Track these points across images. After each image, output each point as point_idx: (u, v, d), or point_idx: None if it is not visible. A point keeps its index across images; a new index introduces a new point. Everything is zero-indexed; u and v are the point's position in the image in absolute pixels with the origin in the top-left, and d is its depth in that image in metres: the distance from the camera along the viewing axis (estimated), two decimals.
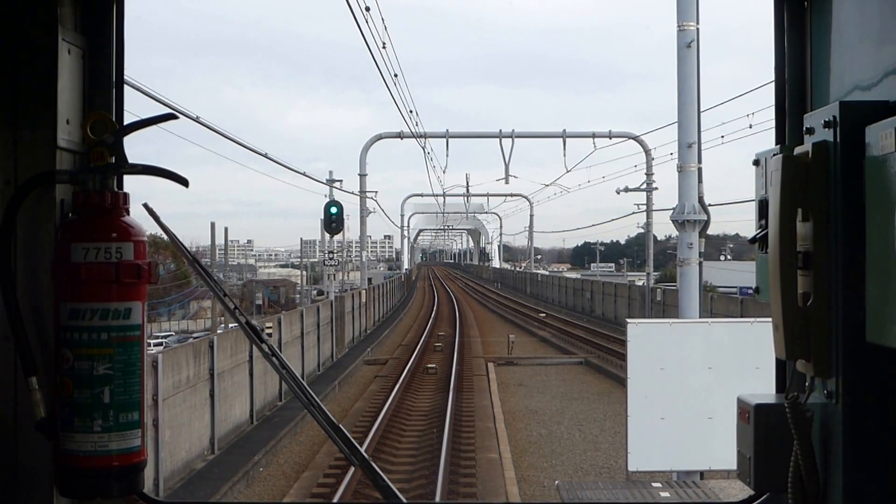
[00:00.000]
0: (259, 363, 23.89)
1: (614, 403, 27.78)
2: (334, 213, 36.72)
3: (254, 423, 23.42)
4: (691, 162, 16.28)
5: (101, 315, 2.40)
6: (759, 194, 2.61)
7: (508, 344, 39.03)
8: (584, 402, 28.01)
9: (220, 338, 21.67)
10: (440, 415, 24.08)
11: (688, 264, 17.09)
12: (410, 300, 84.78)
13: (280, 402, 26.27)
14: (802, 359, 2.37)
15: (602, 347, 40.16)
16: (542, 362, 37.18)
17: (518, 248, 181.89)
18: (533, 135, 52.19)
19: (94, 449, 2.40)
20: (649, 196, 49.92)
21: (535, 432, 23.46)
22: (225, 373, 21.35)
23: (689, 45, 15.79)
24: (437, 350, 39.80)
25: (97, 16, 2.63)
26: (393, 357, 37.88)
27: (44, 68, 2.46)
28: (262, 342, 2.63)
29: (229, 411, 21.72)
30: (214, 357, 20.35)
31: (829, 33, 2.56)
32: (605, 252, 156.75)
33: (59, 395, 2.42)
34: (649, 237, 51.21)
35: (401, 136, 49.30)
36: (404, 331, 51.45)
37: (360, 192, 48.40)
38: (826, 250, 2.29)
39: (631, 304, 53.64)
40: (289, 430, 22.76)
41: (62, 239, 2.42)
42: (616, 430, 23.74)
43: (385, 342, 45.23)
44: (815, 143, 2.33)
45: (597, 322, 55.96)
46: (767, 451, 2.48)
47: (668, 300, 47.42)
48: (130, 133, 2.53)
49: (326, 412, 2.62)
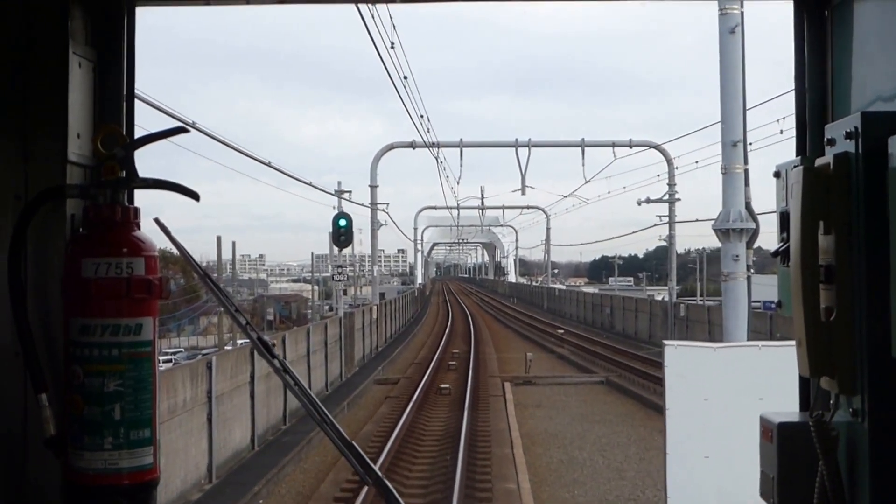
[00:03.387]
0: (261, 384, 22.53)
1: (638, 426, 26.19)
2: (343, 225, 35.13)
3: (255, 449, 21.92)
4: (737, 162, 14.49)
5: (111, 331, 2.36)
6: (780, 206, 2.59)
7: (526, 362, 37.42)
8: (607, 424, 26.41)
9: (219, 358, 20.21)
10: (454, 439, 22.54)
11: (734, 279, 15.27)
12: (424, 316, 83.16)
13: (284, 426, 24.79)
14: (827, 376, 2.32)
15: (623, 366, 38.53)
16: (561, 381, 35.57)
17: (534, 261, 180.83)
18: (550, 144, 50.65)
19: (105, 467, 2.36)
20: (672, 207, 48.34)
21: (556, 458, 21.88)
22: (224, 395, 19.88)
23: (732, 30, 14.03)
24: (451, 369, 38.24)
25: (108, 29, 2.61)
26: (405, 376, 36.32)
27: (54, 82, 2.45)
28: (274, 357, 2.58)
29: (228, 436, 20.22)
30: (213, 379, 18.89)
31: (849, 43, 2.52)
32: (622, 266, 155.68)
33: (69, 411, 2.38)
34: (672, 250, 49.52)
35: (413, 146, 47.89)
36: (417, 348, 49.85)
37: (370, 204, 46.92)
38: (849, 264, 2.25)
39: (652, 319, 51.94)
40: (293, 456, 21.25)
41: (73, 254, 2.40)
42: (641, 457, 22.19)
43: (397, 360, 43.67)
44: (836, 155, 2.29)
45: (617, 338, 54.28)
46: (792, 471, 2.42)
47: (691, 316, 45.77)
48: (141, 147, 2.51)
49: (339, 429, 2.54)
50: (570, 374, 38.24)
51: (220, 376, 19.51)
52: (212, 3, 2.80)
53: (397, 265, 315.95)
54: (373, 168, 48.33)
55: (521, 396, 31.50)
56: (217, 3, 2.82)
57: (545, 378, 36.07)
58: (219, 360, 19.73)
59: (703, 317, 43.95)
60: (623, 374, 36.69)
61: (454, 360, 41.06)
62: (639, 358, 41.65)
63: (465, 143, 49.39)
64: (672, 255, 49.94)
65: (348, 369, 36.68)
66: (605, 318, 63.71)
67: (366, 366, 40.05)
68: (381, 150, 49.05)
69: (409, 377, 35.80)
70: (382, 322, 50.79)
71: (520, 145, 48.45)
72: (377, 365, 39.98)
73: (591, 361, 41.93)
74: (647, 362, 39.76)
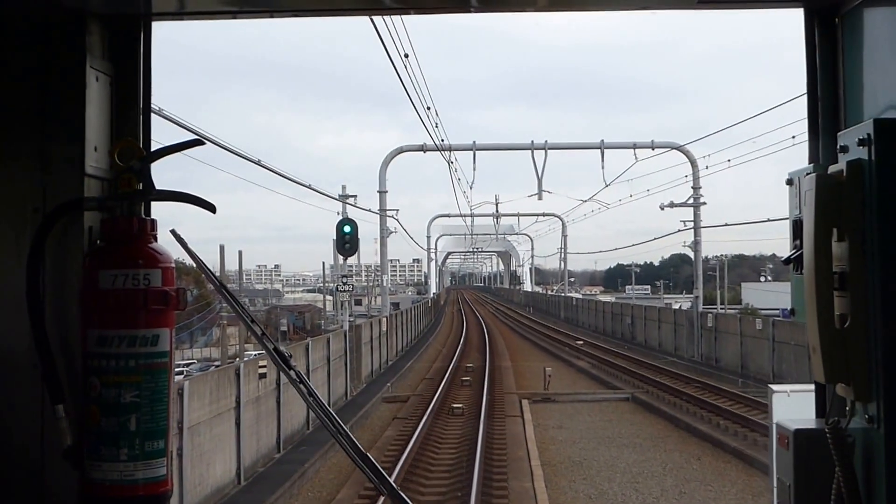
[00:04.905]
0: (249, 410, 20.08)
1: (672, 452, 23.56)
2: (348, 231, 32.48)
3: (241, 484, 19.37)
4: None
5: (128, 342, 2.38)
6: (792, 214, 2.59)
7: (545, 377, 34.79)
8: (637, 449, 23.78)
9: (194, 383, 17.67)
10: (467, 470, 19.97)
11: None
12: (438, 326, 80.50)
13: (278, 455, 22.26)
14: (842, 382, 2.31)
15: (649, 380, 35.89)
16: (584, 398, 32.94)
17: (549, 270, 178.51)
18: (568, 146, 48.10)
19: (121, 478, 2.37)
20: (697, 211, 45.70)
21: (582, 493, 19.26)
22: (201, 425, 17.35)
23: None
24: (464, 385, 35.64)
25: (125, 43, 2.64)
26: (415, 394, 33.72)
27: (72, 95, 2.48)
28: (290, 368, 2.55)
29: (206, 472, 17.68)
30: (185, 406, 16.36)
31: (860, 50, 2.51)
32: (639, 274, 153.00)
33: (86, 422, 2.39)
34: (698, 256, 46.79)
35: (423, 150, 45.44)
36: (430, 361, 47.21)
37: (379, 210, 44.34)
38: (862, 271, 2.25)
39: (677, 330, 49.20)
40: (283, 492, 18.71)
41: (90, 266, 2.42)
42: (680, 489, 19.57)
43: (408, 375, 41.08)
44: (849, 162, 2.30)
45: (639, 350, 51.59)
46: (808, 478, 2.42)
47: (720, 326, 43.02)
48: (158, 159, 2.52)
49: (354, 440, 2.49)
50: (592, 390, 35.59)
51: (196, 403, 17.01)
52: (222, 16, 2.77)
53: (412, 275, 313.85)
54: (381, 172, 45.86)
55: (541, 416, 28.94)
56: (228, 17, 2.77)
57: (566, 395, 33.48)
58: (194, 386, 17.21)
59: (733, 327, 41.14)
60: (649, 389, 34.06)
61: (468, 374, 38.48)
62: (664, 371, 38.99)
63: (478, 145, 46.91)
64: (698, 261, 47.24)
65: (355, 386, 34.14)
66: (625, 329, 61.04)
67: (374, 381, 37.53)
68: (391, 153, 46.61)
69: (420, 394, 33.24)
70: (393, 334, 48.19)
71: (536, 147, 45.95)
72: (387, 380, 37.43)
73: (614, 375, 39.30)
74: (675, 377, 37.12)
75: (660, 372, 39.10)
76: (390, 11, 4.36)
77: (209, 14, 2.81)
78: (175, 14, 2.75)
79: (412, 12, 2.85)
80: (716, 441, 24.02)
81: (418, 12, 2.84)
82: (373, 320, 42.50)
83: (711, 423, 26.25)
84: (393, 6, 3.09)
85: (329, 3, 2.79)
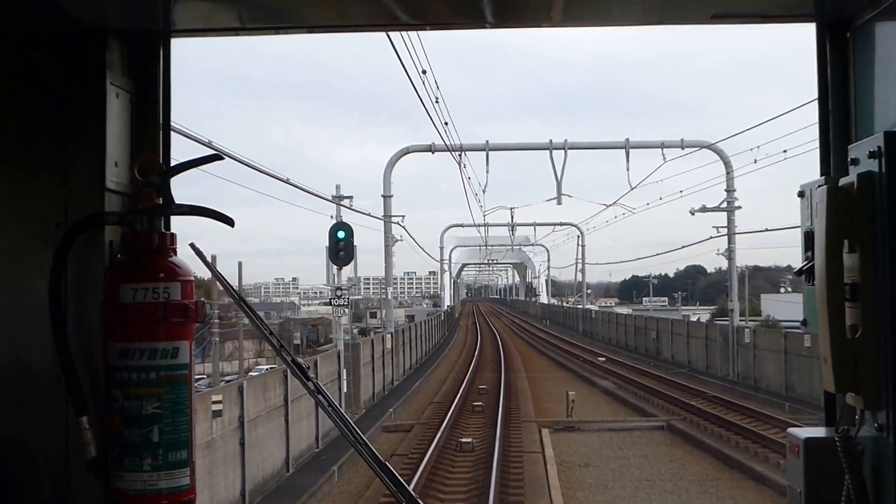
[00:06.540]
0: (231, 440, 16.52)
1: (726, 500, 19.53)
2: (341, 237, 28.48)
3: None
4: None
5: (149, 354, 2.40)
6: (804, 226, 2.60)
7: (567, 402, 30.74)
8: (683, 496, 19.76)
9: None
10: None
11: None
12: (451, 341, 76.42)
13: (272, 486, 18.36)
14: (852, 392, 2.32)
15: (684, 405, 31.80)
16: (612, 427, 28.91)
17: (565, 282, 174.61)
18: (589, 145, 44.08)
19: (144, 488, 2.39)
20: (731, 216, 41.63)
21: None
22: None
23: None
24: (476, 410, 31.64)
25: (144, 60, 2.68)
26: (420, 422, 29.73)
27: (92, 112, 2.52)
28: (308, 380, 2.54)
29: None
30: None
31: (872, 63, 2.53)
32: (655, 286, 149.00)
33: (110, 434, 2.42)
34: (732, 265, 42.62)
35: (432, 150, 41.55)
36: (439, 381, 43.19)
37: (384, 216, 40.43)
38: (873, 282, 2.26)
39: (709, 346, 45.00)
40: None
41: (111, 280, 2.45)
42: None
43: (414, 398, 37.08)
44: (860, 174, 2.31)
45: (667, 368, 47.39)
46: (818, 486, 2.42)
47: (759, 343, 38.85)
48: (177, 174, 2.53)
49: (373, 450, 2.49)
50: (621, 417, 31.52)
51: None
52: (241, 33, 2.81)
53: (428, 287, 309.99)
54: (386, 175, 42.01)
55: (565, 449, 24.96)
56: (246, 33, 2.82)
57: (592, 423, 29.44)
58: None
59: (776, 344, 36.92)
60: (686, 415, 30.00)
61: (481, 398, 34.47)
62: (700, 394, 34.88)
63: (491, 145, 43.02)
64: (732, 270, 43.06)
65: (351, 413, 30.17)
66: (649, 344, 56.92)
67: (376, 406, 33.60)
68: (397, 153, 42.76)
69: (426, 423, 29.28)
70: (399, 351, 44.20)
71: (555, 147, 42.01)
72: (390, 404, 33.47)
73: (644, 398, 35.25)
74: (713, 400, 33.02)
75: (694, 394, 35.02)
76: (407, 27, 4.39)
77: (227, 31, 2.84)
78: (194, 31, 2.81)
79: (428, 28, 2.98)
80: (780, 487, 19.90)
81: (434, 28, 2.95)
82: (375, 338, 38.58)
83: (769, 463, 22.12)
84: (409, 22, 3.00)
85: (346, 20, 2.87)
